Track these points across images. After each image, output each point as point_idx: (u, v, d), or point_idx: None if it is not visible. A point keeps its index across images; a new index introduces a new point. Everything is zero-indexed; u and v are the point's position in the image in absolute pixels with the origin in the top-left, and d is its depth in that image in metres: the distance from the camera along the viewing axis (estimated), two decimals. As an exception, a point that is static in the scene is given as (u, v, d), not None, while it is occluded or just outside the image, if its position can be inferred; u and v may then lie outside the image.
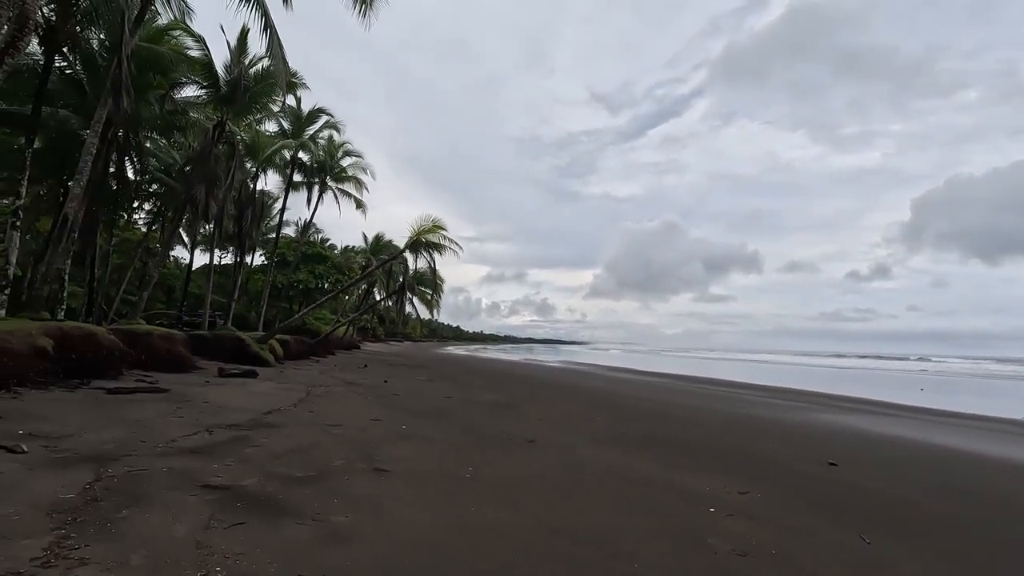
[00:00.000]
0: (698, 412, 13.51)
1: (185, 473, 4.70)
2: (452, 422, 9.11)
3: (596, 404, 14.06)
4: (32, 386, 7.64)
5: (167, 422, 6.81)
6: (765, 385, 25.42)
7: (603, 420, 10.97)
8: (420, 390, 14.42)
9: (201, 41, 15.54)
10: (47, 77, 12.21)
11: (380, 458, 6.01)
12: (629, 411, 12.93)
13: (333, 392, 12.07)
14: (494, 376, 22.86)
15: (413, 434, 7.67)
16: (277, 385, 12.40)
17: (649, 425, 10.58)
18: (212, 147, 14.81)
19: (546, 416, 10.90)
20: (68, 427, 5.96)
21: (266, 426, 7.25)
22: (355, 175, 28.83)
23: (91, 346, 9.23)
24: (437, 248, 21.46)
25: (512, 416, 10.62)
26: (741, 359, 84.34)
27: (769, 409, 15.18)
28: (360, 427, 7.85)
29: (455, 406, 11.38)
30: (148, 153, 21.08)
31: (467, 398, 13.25)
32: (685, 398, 17.39)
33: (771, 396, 19.80)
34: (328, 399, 10.74)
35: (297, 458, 5.66)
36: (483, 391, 15.48)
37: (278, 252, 38.75)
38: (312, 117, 25.71)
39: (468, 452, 6.77)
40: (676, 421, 11.49)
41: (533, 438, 8.12)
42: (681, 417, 12.19)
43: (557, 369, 33.62)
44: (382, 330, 79.52)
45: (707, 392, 20.38)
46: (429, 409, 10.54)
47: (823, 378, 36.58)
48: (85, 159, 10.59)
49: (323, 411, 9.09)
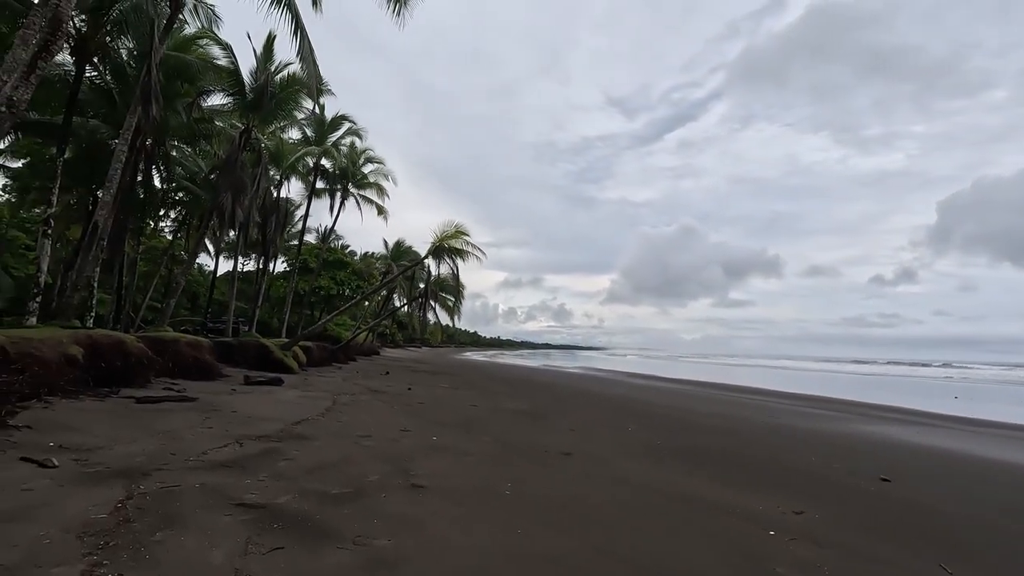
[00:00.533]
0: (731, 421, 13.08)
1: (218, 490, 4.51)
2: (482, 433, 8.87)
3: (624, 413, 13.71)
4: (62, 395, 7.57)
5: (196, 433, 6.67)
6: (793, 393, 24.75)
7: (635, 430, 10.63)
8: (444, 398, 14.22)
9: (228, 49, 15.67)
10: (78, 87, 12.34)
11: (415, 473, 5.78)
12: (659, 420, 12.56)
13: (359, 401, 11.90)
14: (516, 383, 22.61)
15: (445, 446, 7.43)
16: (303, 393, 12.29)
17: (683, 436, 10.23)
18: (238, 154, 14.86)
19: (576, 426, 10.60)
20: (98, 439, 5.84)
21: (296, 437, 7.07)
22: (377, 181, 29.01)
23: (120, 354, 9.19)
24: (460, 254, 21.30)
25: (541, 426, 10.34)
26: (763, 365, 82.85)
27: (803, 419, 14.68)
28: (390, 438, 7.63)
29: (482, 415, 11.14)
30: (174, 162, 21.34)
31: (493, 407, 13.00)
32: (714, 406, 16.92)
33: (802, 404, 19.22)
34: (355, 408, 10.58)
35: (331, 473, 5.45)
36: (508, 399, 15.23)
37: (300, 259, 39.08)
38: (335, 124, 25.86)
39: (504, 466, 6.51)
40: (710, 431, 11.10)
41: (568, 450, 7.83)
42: (714, 427, 11.79)
43: (577, 376, 33.24)
44: (401, 336, 79.87)
45: (735, 400, 19.85)
46: (457, 419, 10.31)
47: (851, 385, 35.70)
48: (115, 167, 10.63)
49: (351, 421, 8.91)
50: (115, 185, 10.58)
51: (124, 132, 11.03)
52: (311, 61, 11.04)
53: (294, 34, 10.77)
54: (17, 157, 23.72)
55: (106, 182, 10.60)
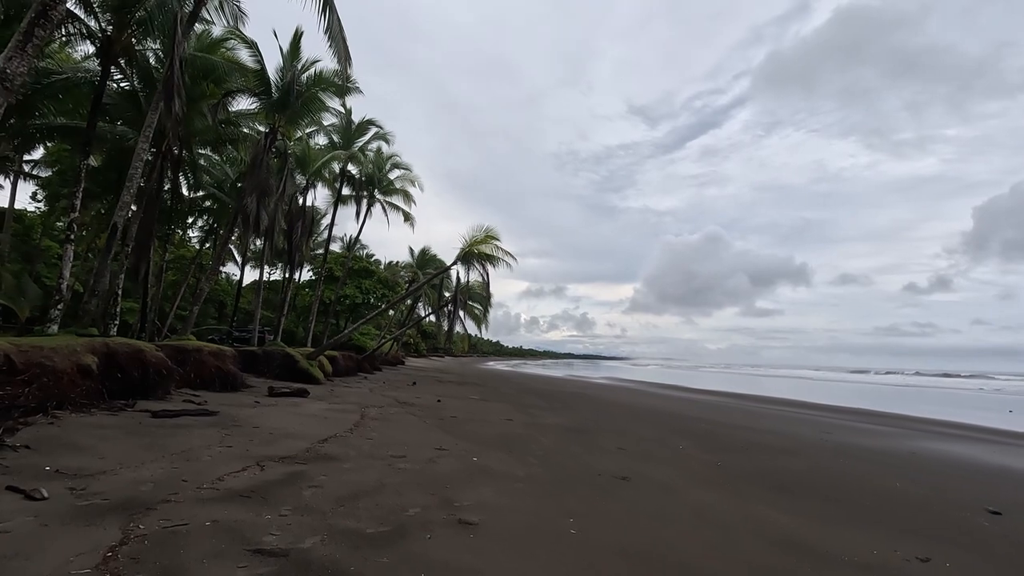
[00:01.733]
0: (786, 439, 11.99)
1: (232, 529, 3.74)
2: (525, 452, 8.01)
3: (669, 428, 12.71)
4: (73, 408, 6.97)
5: (214, 454, 5.95)
6: (836, 406, 23.34)
7: (687, 448, 9.68)
8: (477, 411, 13.39)
9: (254, 47, 15.30)
10: (103, 89, 12.02)
11: (461, 503, 4.95)
12: (708, 437, 11.55)
13: (388, 414, 11.15)
14: (547, 395, 21.67)
15: (488, 469, 6.59)
16: (329, 406, 11.59)
17: (743, 456, 9.23)
18: (264, 156, 14.39)
19: (624, 444, 9.66)
20: (103, 461, 5.15)
21: (323, 458, 6.31)
22: (403, 187, 28.51)
23: (137, 364, 8.60)
24: (491, 260, 20.53)
25: (586, 444, 9.44)
26: (795, 376, 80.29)
27: (861, 435, 13.52)
28: (427, 459, 6.83)
29: (521, 431, 10.28)
30: (201, 169, 21.15)
31: (530, 421, 12.14)
32: (759, 421, 15.77)
33: (851, 418, 17.95)
34: (385, 423, 9.81)
35: (365, 504, 4.65)
36: (544, 412, 14.34)
37: (326, 267, 38.86)
38: (362, 129, 25.45)
39: (559, 495, 5.64)
40: (769, 451, 10.07)
41: (624, 474, 6.93)
42: (772, 446, 10.72)
43: (607, 386, 32.13)
44: (424, 345, 79.49)
45: (778, 414, 18.59)
46: (495, 435, 9.47)
47: (891, 397, 34.12)
48: (135, 166, 10.16)
49: (382, 438, 8.13)
50: (135, 184, 10.10)
51: (145, 129, 10.57)
52: (340, 40, 10.44)
53: (322, 11, 10.17)
54: (49, 167, 23.90)
55: (126, 182, 10.14)
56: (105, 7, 11.80)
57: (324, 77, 16.18)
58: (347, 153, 23.12)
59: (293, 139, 18.43)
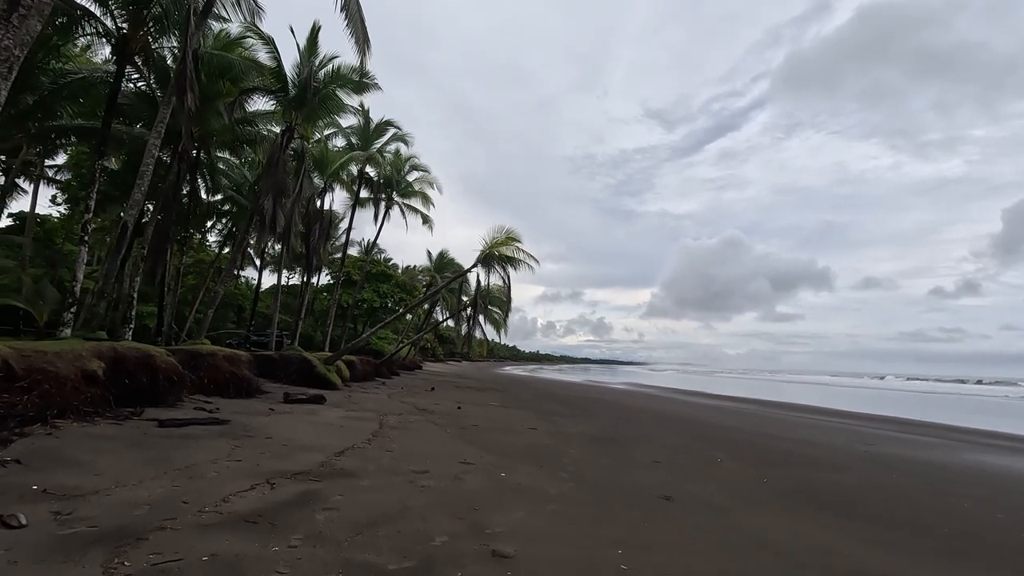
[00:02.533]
0: (828, 451, 11.23)
1: (233, 566, 3.21)
2: (555, 466, 7.41)
3: (700, 438, 12.01)
4: (75, 417, 6.54)
5: (221, 469, 5.45)
6: (870, 414, 22.29)
7: (726, 462, 9.00)
8: (499, 419, 12.82)
9: (270, 43, 14.99)
10: (118, 86, 11.76)
11: (493, 530, 4.38)
12: (745, 448, 10.83)
13: (408, 423, 10.62)
14: (568, 401, 21.00)
15: (518, 486, 6.00)
16: (347, 413, 11.10)
17: (788, 470, 8.55)
18: (280, 154, 14.04)
19: (658, 456, 9.00)
20: (98, 478, 4.67)
21: (339, 474, 5.77)
22: (422, 190, 28.10)
23: (146, 370, 8.18)
24: (511, 262, 19.95)
25: (618, 456, 8.81)
26: (818, 382, 78.35)
27: (904, 446, 12.73)
28: (452, 475, 6.26)
29: (547, 442, 9.67)
30: (219, 172, 20.98)
31: (555, 430, 11.52)
32: (794, 430, 14.95)
33: (890, 428, 17.03)
34: (405, 432, 9.28)
35: (385, 532, 4.10)
36: (568, 420, 13.71)
37: (343, 271, 38.70)
38: (380, 130, 25.08)
39: (601, 519, 5.04)
40: (815, 464, 9.36)
41: (667, 492, 6.29)
42: (817, 459, 9.98)
43: (628, 392, 31.34)
44: (441, 350, 79.13)
45: (814, 423, 17.68)
46: (521, 447, 8.88)
47: (923, 404, 32.99)
48: (147, 163, 9.83)
49: (403, 450, 7.59)
50: (146, 183, 9.75)
51: (157, 125, 10.24)
52: (358, 20, 10.02)
53: (339, -14, 9.78)
54: (72, 171, 23.97)
55: (137, 180, 9.79)
56: (120, 3, 11.55)
57: (342, 74, 15.81)
58: (365, 154, 22.77)
59: (311, 138, 18.09)
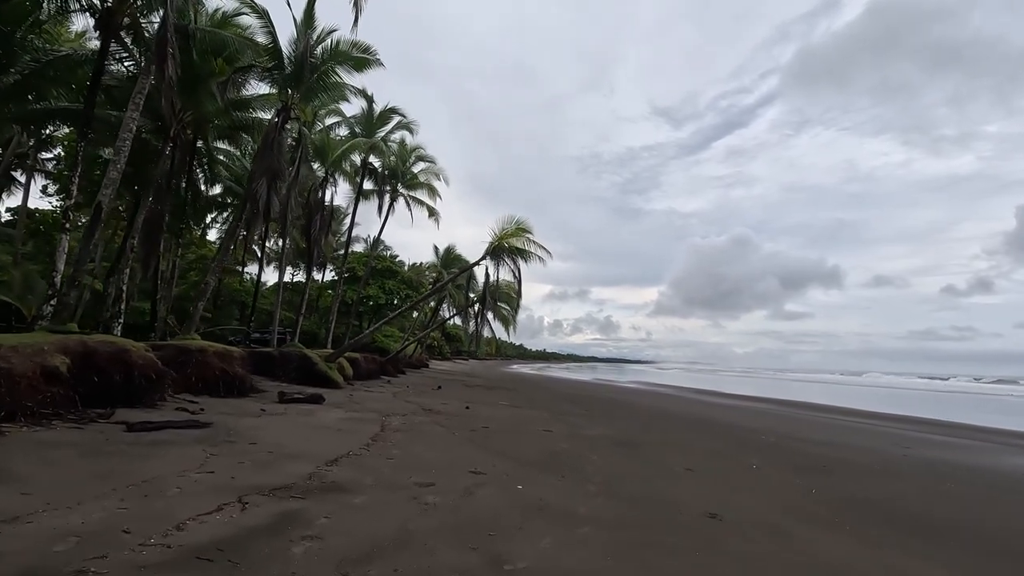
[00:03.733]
0: (867, 455, 10.31)
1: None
2: (579, 476, 6.49)
3: (730, 441, 11.07)
4: (28, 420, 5.68)
5: (187, 483, 4.56)
6: (896, 415, 21.16)
7: (765, 468, 8.08)
8: (511, 420, 11.91)
9: (264, 16, 14.08)
10: (102, 66, 10.91)
11: (515, 565, 3.48)
12: (778, 452, 9.87)
13: (413, 424, 9.73)
14: (581, 401, 20.05)
15: (539, 502, 5.09)
16: (347, 414, 10.22)
17: (835, 479, 7.65)
18: (275, 135, 13.15)
19: (689, 462, 8.07)
20: (28, 499, 3.78)
21: (329, 489, 4.87)
22: (428, 181, 27.07)
23: (120, 366, 7.32)
24: (522, 255, 18.93)
25: (646, 463, 7.89)
26: (831, 381, 76.97)
27: (947, 450, 11.85)
28: (461, 488, 5.35)
29: (567, 447, 8.75)
30: (218, 162, 20.20)
31: (572, 432, 10.60)
32: (825, 432, 13.98)
33: (922, 429, 16.02)
34: (409, 436, 8.38)
35: (380, 570, 3.20)
36: (584, 422, 12.78)
37: (348, 266, 37.89)
38: (384, 118, 24.01)
39: (643, 546, 4.12)
40: (860, 471, 8.46)
41: (711, 509, 5.36)
42: (859, 464, 9.06)
43: (641, 391, 30.35)
44: (448, 348, 78.27)
45: (840, 424, 16.63)
46: (538, 452, 7.96)
47: (941, 403, 31.82)
48: (123, 137, 8.98)
49: (406, 457, 6.69)
50: (122, 160, 8.89)
51: (135, 96, 9.40)
52: None
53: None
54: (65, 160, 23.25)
55: (113, 155, 8.93)
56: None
57: (341, 50, 14.87)
58: (368, 142, 21.74)
59: (310, 122, 17.17)
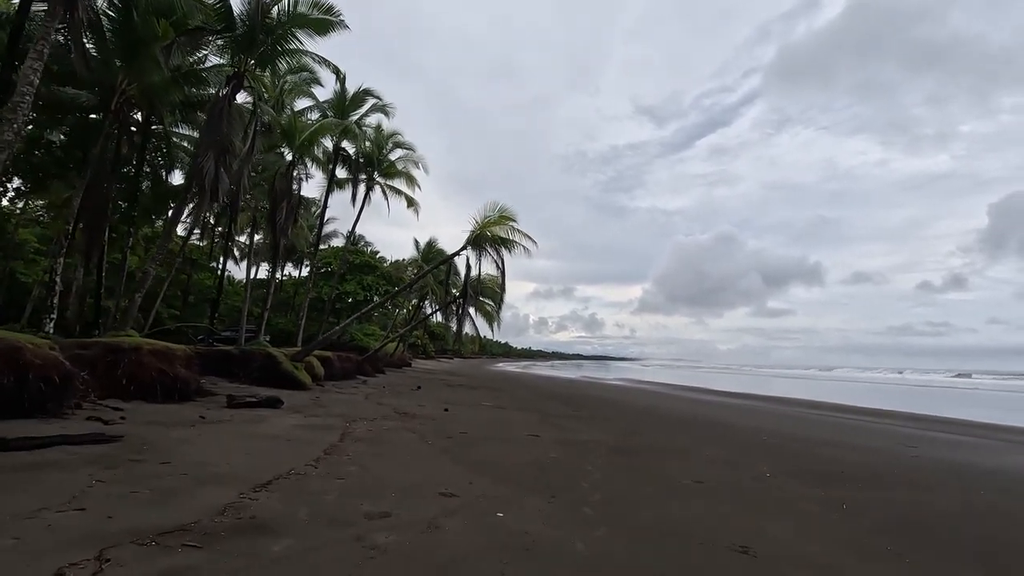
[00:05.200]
0: (880, 457, 9.36)
1: None
2: (574, 496, 5.32)
3: (733, 445, 9.93)
4: None
5: (36, 528, 3.28)
6: (890, 411, 20.46)
7: (781, 480, 6.98)
8: (494, 424, 10.70)
9: (213, -30, 12.67)
10: (22, 22, 9.45)
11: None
12: (789, 458, 8.76)
13: (380, 431, 8.47)
14: (570, 400, 18.90)
15: (525, 538, 3.90)
16: (304, 420, 8.93)
17: (862, 491, 6.59)
18: (225, 105, 11.65)
19: (697, 474, 6.96)
20: None
21: (244, 530, 3.61)
22: (406, 169, 25.49)
23: (10, 367, 5.97)
24: (506, 244, 17.66)
25: (651, 475, 6.75)
26: (815, 377, 77.29)
27: (954, 449, 10.77)
28: (425, 520, 4.14)
29: (557, 456, 7.58)
30: (177, 147, 18.62)
31: (563, 437, 9.45)
32: (824, 431, 13.13)
33: (919, 426, 15.31)
34: (371, 447, 7.13)
35: None
36: (574, 424, 11.64)
37: (324, 261, 36.27)
38: (357, 100, 22.35)
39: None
40: (882, 479, 7.55)
41: (741, 541, 4.24)
42: (881, 471, 8.07)
43: (629, 389, 29.32)
44: (432, 347, 76.73)
45: (838, 422, 15.70)
46: (524, 465, 6.78)
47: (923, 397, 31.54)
48: (21, 91, 7.39)
49: (362, 476, 5.45)
50: (19, 118, 7.29)
51: (38, 43, 7.76)
52: None
53: None
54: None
55: (8, 114, 7.35)
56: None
57: (299, 12, 13.35)
58: (340, 123, 20.02)
59: (273, 95, 15.60)
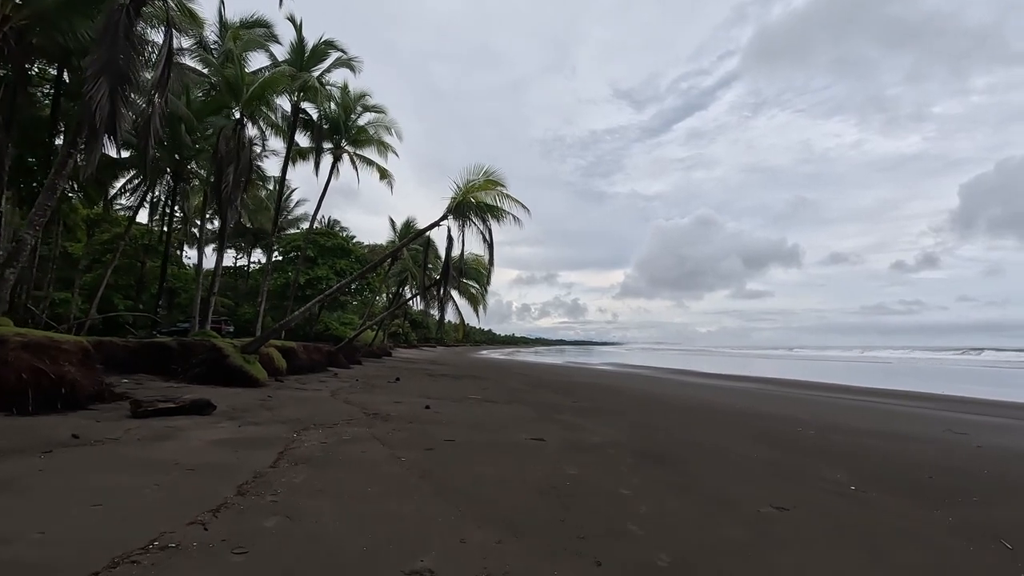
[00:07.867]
0: (941, 449, 7.73)
1: None
2: (629, 559, 3.25)
3: (775, 442, 7.90)
4: None
5: None
6: (901, 391, 19.22)
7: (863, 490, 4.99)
8: (485, 425, 8.51)
9: None
10: None
11: None
12: (848, 458, 6.79)
13: (336, 445, 6.25)
14: (565, 388, 16.82)
15: None
16: (234, 432, 6.67)
17: (966, 505, 4.74)
18: (121, 16, 8.93)
19: (768, 494, 4.97)
20: None
21: None
22: (377, 135, 22.63)
23: None
24: (492, 212, 15.23)
25: (709, 501, 4.72)
26: (802, 357, 77.40)
27: (1005, 434, 9.28)
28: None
29: (572, 471, 5.48)
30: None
31: (573, 439, 7.39)
32: (859, 417, 11.42)
33: (944, 407, 13.61)
34: (317, 474, 4.92)
35: None
36: (578, 419, 9.55)
37: (293, 245, 33.52)
38: (319, 53, 19.28)
39: None
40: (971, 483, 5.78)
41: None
42: (959, 471, 6.36)
43: (623, 375, 27.50)
44: (415, 336, 74.44)
45: (863, 406, 14.08)
46: (532, 490, 4.68)
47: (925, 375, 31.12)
48: None
49: (280, 540, 3.28)
50: None
51: None
52: None
53: None
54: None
55: None
56: None
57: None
58: (297, 74, 17.12)
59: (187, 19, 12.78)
